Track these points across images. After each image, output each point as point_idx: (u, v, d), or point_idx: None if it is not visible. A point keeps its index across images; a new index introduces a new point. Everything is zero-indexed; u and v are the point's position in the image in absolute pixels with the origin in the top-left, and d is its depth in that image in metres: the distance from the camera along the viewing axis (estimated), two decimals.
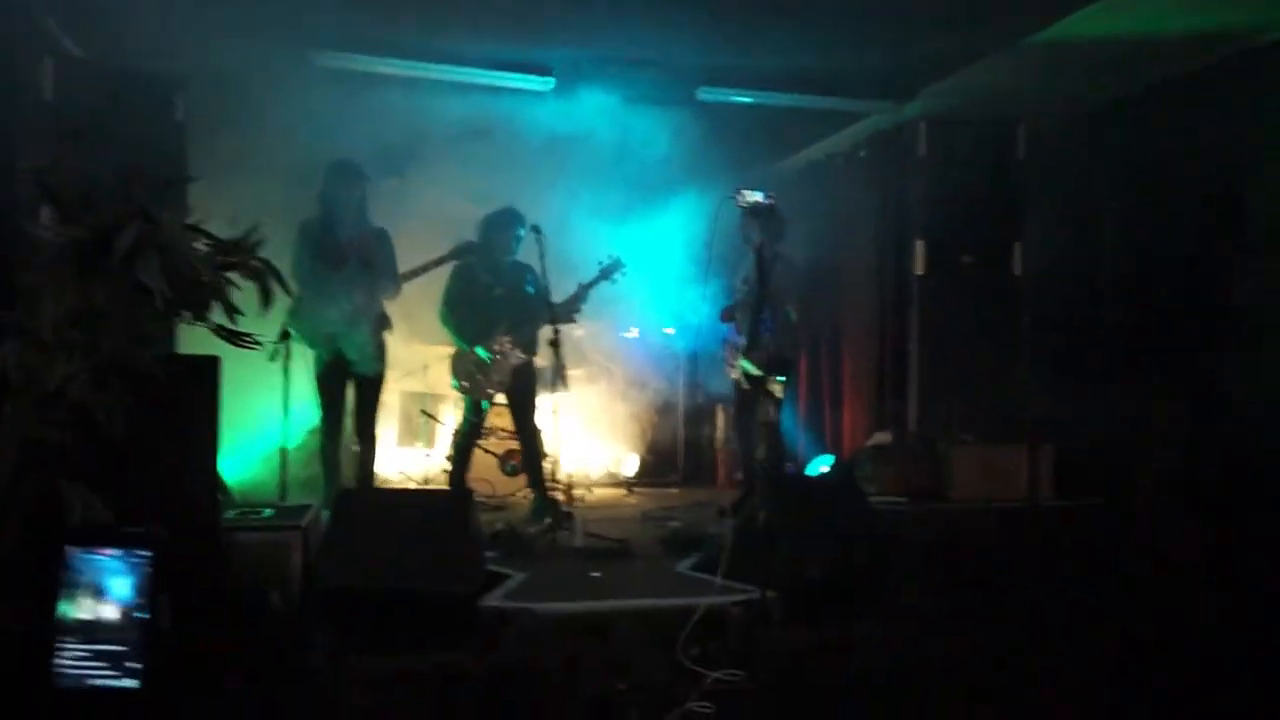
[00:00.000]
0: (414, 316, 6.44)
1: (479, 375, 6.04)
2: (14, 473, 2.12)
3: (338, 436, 5.68)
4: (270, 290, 2.16)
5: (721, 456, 8.16)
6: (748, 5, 5.29)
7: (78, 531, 2.26)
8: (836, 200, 7.36)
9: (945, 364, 6.01)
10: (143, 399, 2.33)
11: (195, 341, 4.83)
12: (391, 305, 5.80)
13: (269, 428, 5.90)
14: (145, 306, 2.01)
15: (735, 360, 6.00)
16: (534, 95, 6.40)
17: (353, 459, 5.77)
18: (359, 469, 5.71)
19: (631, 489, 7.82)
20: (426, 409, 7.35)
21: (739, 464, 6.72)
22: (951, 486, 5.51)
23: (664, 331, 8.31)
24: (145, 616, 2.39)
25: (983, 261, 6.06)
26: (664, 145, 6.46)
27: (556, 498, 6.03)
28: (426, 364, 7.26)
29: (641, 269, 6.59)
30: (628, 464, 8.19)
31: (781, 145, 7.91)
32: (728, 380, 6.32)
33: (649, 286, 7.17)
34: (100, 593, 2.33)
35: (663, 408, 8.05)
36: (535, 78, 6.20)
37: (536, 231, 5.48)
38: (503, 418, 6.68)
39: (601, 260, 6.11)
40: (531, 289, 5.96)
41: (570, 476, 7.39)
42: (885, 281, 6.57)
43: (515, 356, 6.03)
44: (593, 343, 8.07)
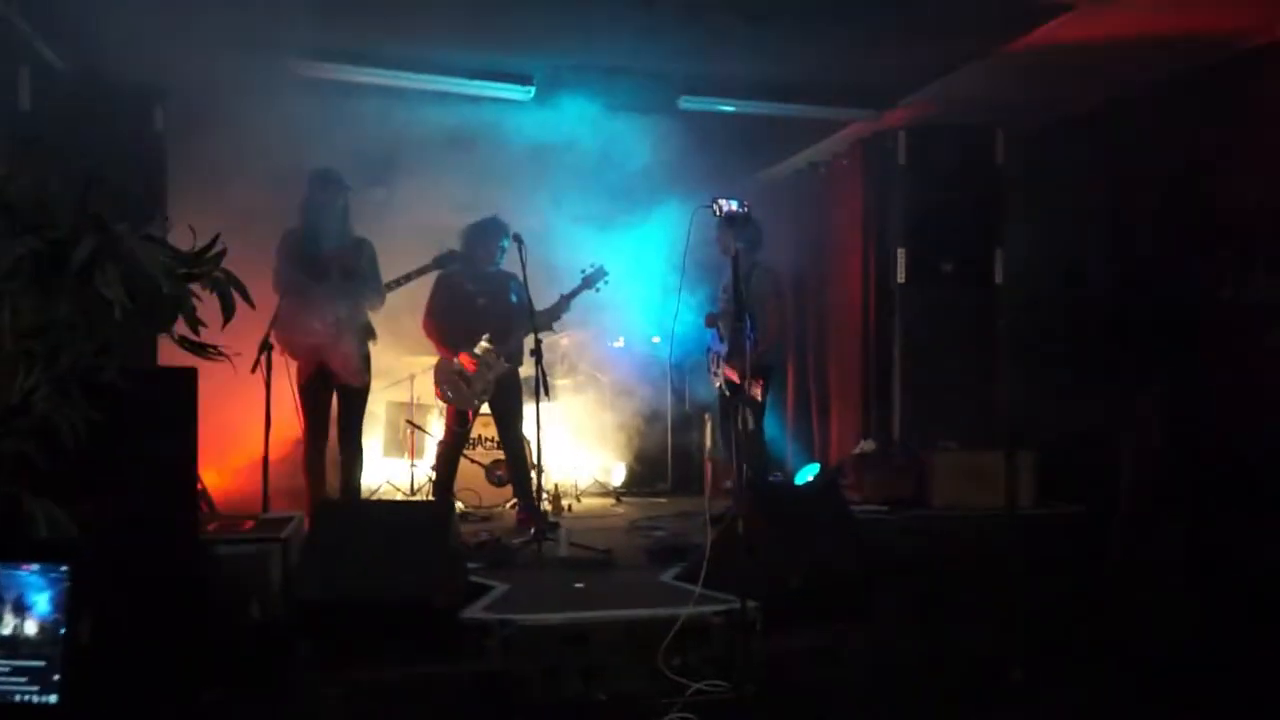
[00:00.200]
0: (399, 326, 6.43)
1: (463, 385, 6.03)
2: None
3: (322, 447, 5.66)
4: (232, 302, 2.14)
5: (709, 465, 8.15)
6: (727, 14, 5.30)
7: None
8: (820, 209, 7.39)
9: (928, 371, 6.02)
10: (110, 411, 2.31)
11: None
12: (377, 315, 5.80)
13: (253, 439, 5.87)
14: (106, 318, 1.99)
15: (717, 368, 6.01)
16: (515, 104, 6.41)
17: (338, 470, 5.75)
18: (343, 480, 5.69)
19: (619, 498, 7.80)
20: (412, 419, 7.33)
21: (727, 473, 6.71)
22: (933, 494, 5.52)
23: (651, 341, 8.30)
24: (65, 631, 2.38)
25: (964, 269, 6.07)
26: (647, 154, 6.45)
27: (543, 508, 6.02)
28: (413, 374, 7.25)
29: (626, 278, 6.60)
30: (615, 473, 8.18)
31: (764, 154, 7.93)
32: (713, 389, 6.32)
33: (634, 296, 7.17)
34: (22, 608, 2.32)
35: (650, 417, 8.02)
36: (515, 86, 6.21)
37: (518, 241, 5.48)
38: (490, 428, 6.68)
39: (584, 269, 6.13)
40: (515, 298, 5.96)
41: (557, 486, 7.41)
42: (869, 289, 6.58)
43: (499, 366, 6.03)
44: (580, 352, 8.07)
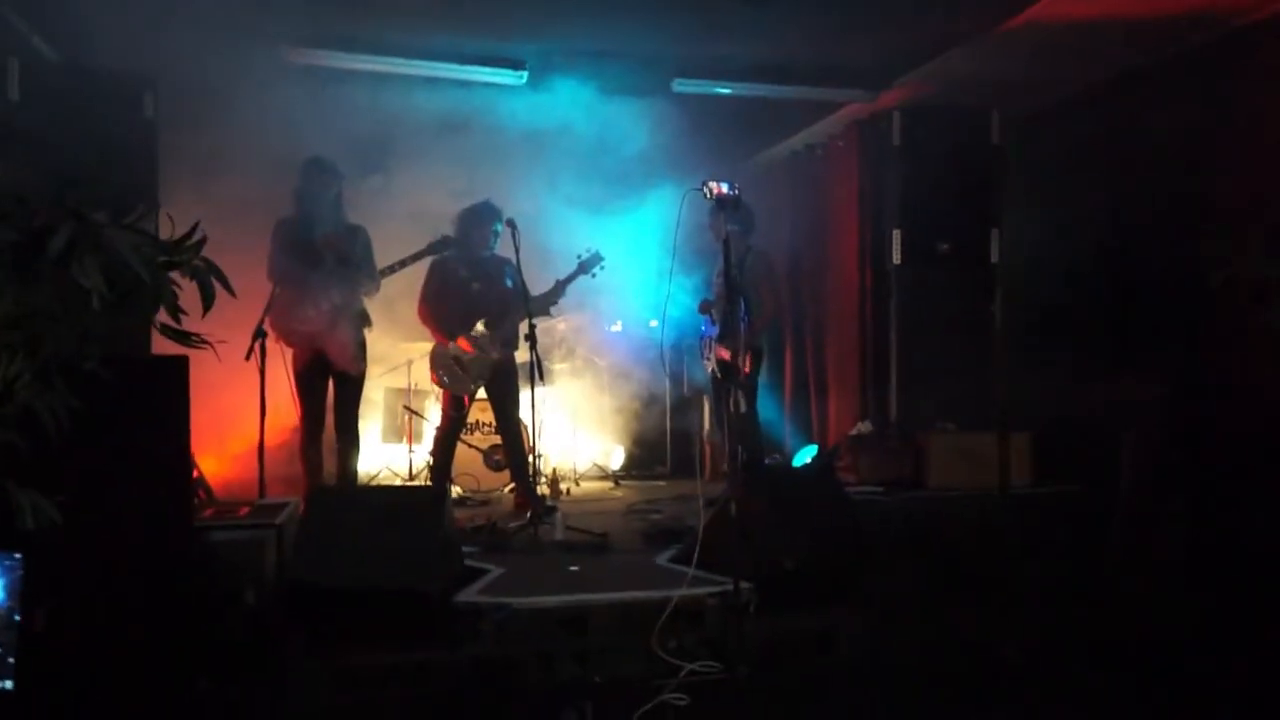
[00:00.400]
0: (396, 312, 6.44)
1: (459, 370, 6.04)
2: None
3: (318, 434, 5.67)
4: (212, 291, 2.14)
5: (708, 449, 8.15)
6: None
7: None
8: (817, 190, 7.36)
9: (925, 353, 6.00)
10: (95, 400, 2.32)
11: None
12: (374, 301, 5.80)
13: (251, 426, 5.89)
14: (86, 307, 1.99)
15: (709, 352, 6.03)
16: (508, 89, 6.39)
17: (335, 456, 5.76)
18: (340, 466, 5.71)
19: (618, 482, 7.82)
20: (410, 405, 7.34)
21: (725, 455, 6.71)
22: (928, 475, 5.52)
23: (649, 324, 8.29)
24: (19, 619, 2.41)
25: (960, 250, 6.05)
26: (642, 138, 6.42)
27: (540, 492, 6.01)
28: (410, 360, 7.25)
29: (623, 262, 6.59)
30: (614, 457, 8.20)
31: (760, 136, 7.90)
32: (708, 373, 6.33)
33: (631, 280, 7.16)
34: None
35: (648, 400, 8.02)
36: (508, 71, 6.19)
37: (512, 226, 5.47)
38: (487, 413, 6.69)
39: (580, 254, 6.12)
40: (510, 283, 5.95)
41: (555, 470, 7.43)
42: (866, 271, 6.57)
43: (495, 351, 6.03)
44: (578, 337, 8.07)
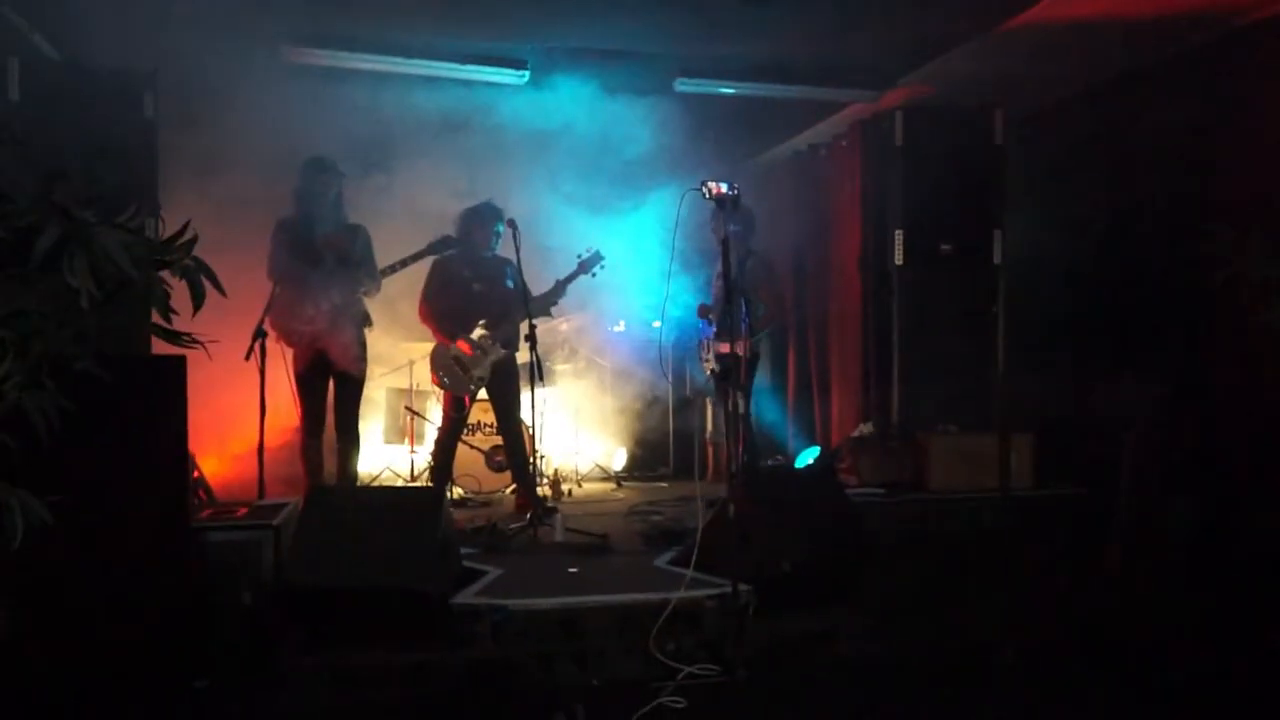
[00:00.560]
0: (398, 313, 6.43)
1: (459, 370, 6.03)
2: None
3: (319, 434, 5.67)
4: (202, 290, 2.13)
5: (710, 449, 8.13)
6: None
7: None
8: (819, 191, 7.33)
9: (927, 354, 5.97)
10: (89, 400, 2.31)
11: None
12: (376, 301, 5.79)
13: (253, 426, 5.89)
14: (77, 307, 1.98)
15: (708, 354, 6.03)
16: (510, 88, 6.38)
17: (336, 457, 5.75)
18: (340, 467, 5.70)
19: (620, 483, 7.79)
20: (412, 405, 7.33)
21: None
22: (930, 477, 5.49)
23: (652, 325, 8.27)
24: None
25: (962, 250, 6.02)
26: (644, 137, 6.40)
27: (542, 493, 5.99)
28: (412, 360, 7.24)
29: (625, 262, 6.58)
30: (617, 458, 8.17)
31: (763, 136, 7.88)
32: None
33: (633, 279, 7.14)
34: None
35: (651, 401, 8.00)
36: (509, 71, 6.17)
37: (512, 226, 5.46)
38: (489, 414, 6.67)
39: (580, 254, 6.11)
40: (511, 283, 5.95)
41: (557, 471, 7.41)
42: (867, 271, 6.53)
43: (496, 351, 6.02)
44: (580, 337, 8.04)
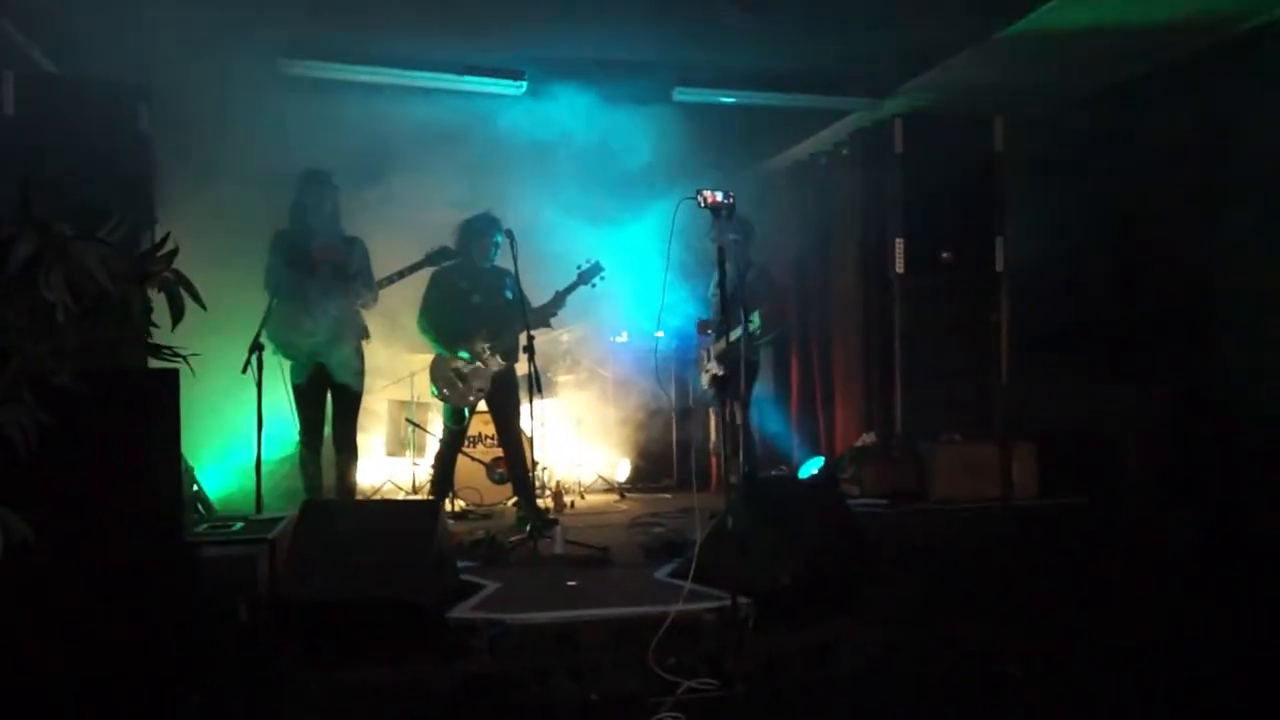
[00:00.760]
0: (399, 324, 6.41)
1: (459, 382, 6.01)
2: None
3: (317, 447, 5.65)
4: (181, 303, 2.10)
5: (714, 461, 8.08)
6: (721, 4, 5.23)
7: None
8: (822, 199, 7.32)
9: (930, 363, 5.94)
10: (72, 414, 2.29)
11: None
12: (377, 313, 5.77)
13: (253, 439, 5.88)
14: (53, 320, 1.95)
15: (709, 363, 6.01)
16: (508, 99, 6.37)
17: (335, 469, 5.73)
18: (339, 480, 5.67)
19: (624, 494, 7.76)
20: (414, 417, 7.31)
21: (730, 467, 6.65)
22: (933, 487, 5.44)
23: (655, 335, 8.23)
24: None
25: (964, 258, 5.99)
26: (644, 147, 6.40)
27: (543, 505, 5.95)
28: (413, 372, 7.22)
29: (627, 272, 6.55)
30: (620, 469, 8.13)
31: (764, 146, 7.87)
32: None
33: (635, 289, 7.12)
34: None
35: (654, 411, 7.96)
36: (507, 82, 6.17)
37: (510, 237, 5.44)
38: (490, 425, 6.64)
39: (580, 265, 6.08)
40: (510, 295, 5.92)
41: (559, 483, 7.38)
42: (870, 280, 6.51)
43: (495, 363, 6.00)
44: (582, 348, 8.02)
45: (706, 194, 4.08)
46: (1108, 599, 4.34)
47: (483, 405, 6.18)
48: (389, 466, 7.45)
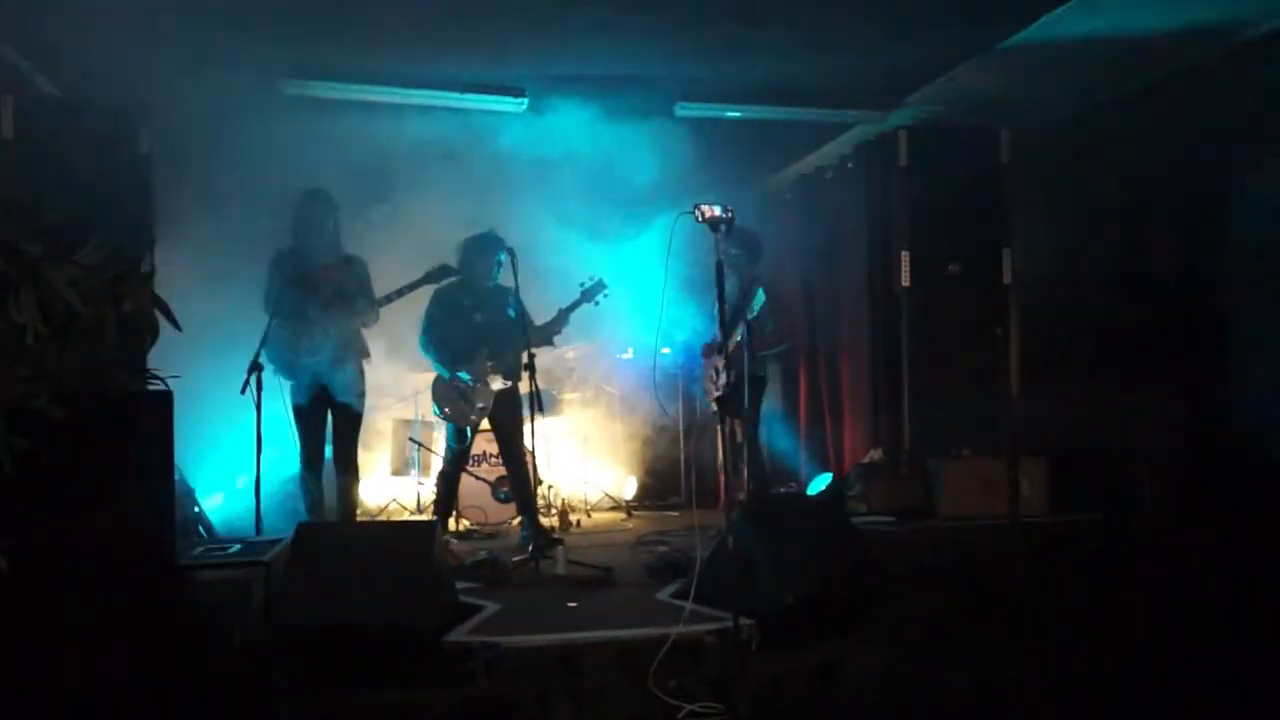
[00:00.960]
0: (404, 343, 6.37)
1: (461, 401, 5.97)
2: None
3: (318, 467, 5.62)
4: (155, 325, 2.06)
5: (722, 478, 8.00)
6: (722, 18, 5.20)
7: None
8: (828, 213, 7.27)
9: (938, 377, 5.86)
10: (64, 438, 2.26)
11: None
12: (380, 332, 5.74)
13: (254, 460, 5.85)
14: (23, 343, 1.91)
15: (716, 379, 5.94)
16: (509, 116, 6.36)
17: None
18: (340, 500, 5.63)
19: (631, 512, 7.68)
20: (418, 437, 7.27)
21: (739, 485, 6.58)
22: (941, 503, 5.35)
23: (661, 352, 8.18)
24: None
25: (971, 270, 5.92)
26: (648, 163, 6.36)
27: (547, 525, 5.88)
28: (417, 391, 7.19)
29: (632, 288, 6.51)
30: (627, 487, 8.06)
31: (769, 160, 7.83)
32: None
33: (641, 306, 7.08)
34: None
35: (660, 429, 7.89)
36: (508, 99, 6.16)
37: (511, 255, 5.41)
38: (494, 444, 6.58)
39: (583, 282, 6.04)
40: (513, 313, 5.88)
41: (565, 501, 7.31)
42: (876, 294, 6.44)
43: (498, 382, 5.96)
44: (588, 365, 7.97)
45: (704, 208, 4.02)
46: (1122, 618, 4.25)
47: (486, 424, 6.13)
48: (394, 486, 7.41)
